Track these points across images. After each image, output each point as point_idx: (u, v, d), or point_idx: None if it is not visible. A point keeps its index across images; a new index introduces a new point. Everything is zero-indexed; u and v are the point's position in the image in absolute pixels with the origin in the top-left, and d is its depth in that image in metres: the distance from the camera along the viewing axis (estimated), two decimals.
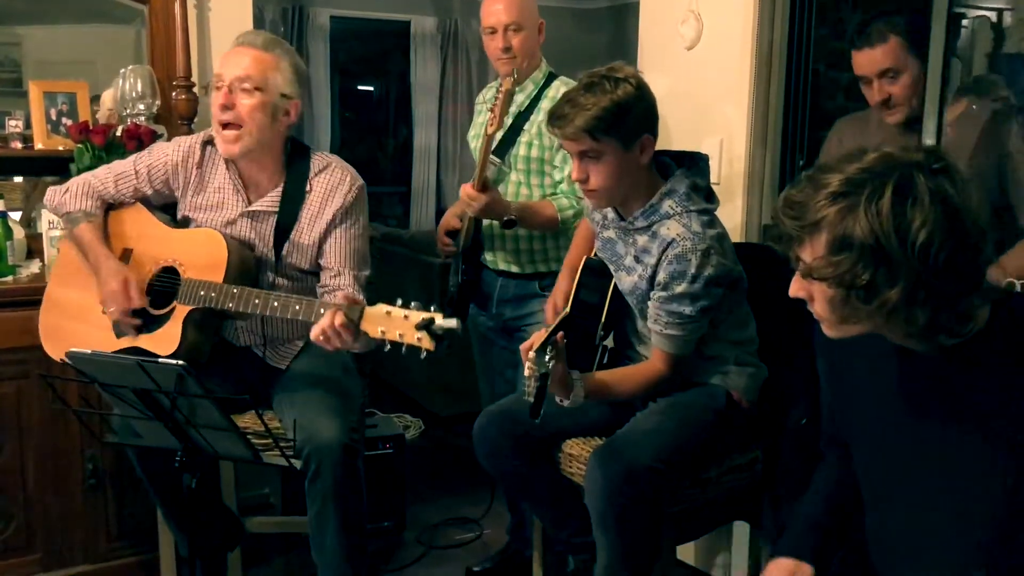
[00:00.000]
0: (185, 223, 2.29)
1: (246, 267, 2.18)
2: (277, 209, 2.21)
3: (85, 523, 2.59)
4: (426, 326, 1.77)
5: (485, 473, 2.29)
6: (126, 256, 2.24)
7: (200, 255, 2.16)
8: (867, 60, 2.19)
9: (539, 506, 2.32)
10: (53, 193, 2.30)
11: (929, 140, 2.09)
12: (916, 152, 1.24)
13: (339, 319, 1.85)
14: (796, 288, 1.31)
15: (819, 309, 1.30)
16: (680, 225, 1.98)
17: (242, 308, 2.06)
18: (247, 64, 2.11)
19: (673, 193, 2.02)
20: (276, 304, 2.03)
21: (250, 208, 2.22)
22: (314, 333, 1.89)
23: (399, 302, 1.84)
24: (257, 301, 2.05)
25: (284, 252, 2.22)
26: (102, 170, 2.31)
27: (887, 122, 2.24)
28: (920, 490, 1.38)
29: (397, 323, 1.82)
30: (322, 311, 1.91)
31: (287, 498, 3.06)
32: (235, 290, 2.07)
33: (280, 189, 2.22)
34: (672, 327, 2.00)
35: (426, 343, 1.79)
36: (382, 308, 1.84)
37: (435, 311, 1.79)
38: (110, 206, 2.30)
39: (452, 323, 1.78)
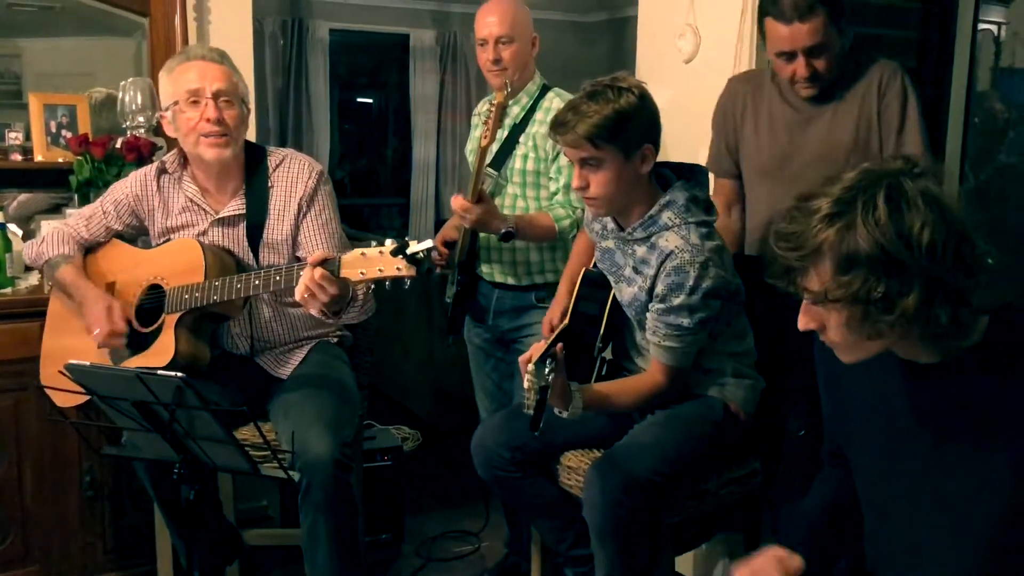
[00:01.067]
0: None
1: (224, 263, 2.20)
2: (244, 211, 2.24)
3: (83, 535, 2.59)
4: (401, 251, 1.78)
5: (483, 485, 2.28)
6: (109, 289, 2.27)
7: (178, 264, 2.18)
8: (792, 35, 2.08)
9: (537, 518, 2.31)
10: (30, 246, 2.35)
11: (954, 157, 2.08)
12: (894, 161, 1.25)
13: (319, 272, 1.85)
14: (806, 321, 1.30)
15: (834, 336, 1.29)
16: (679, 237, 1.98)
17: (226, 297, 2.07)
18: (220, 77, 2.14)
19: (672, 204, 2.02)
20: (257, 282, 2.04)
21: (219, 216, 2.24)
22: (298, 292, 1.90)
23: (373, 243, 1.84)
24: (239, 285, 2.07)
25: (260, 252, 2.24)
26: (72, 217, 2.37)
27: (802, 94, 2.20)
28: (919, 503, 1.38)
29: (373, 260, 1.82)
30: (300, 273, 1.92)
31: (285, 510, 3.05)
32: (216, 283, 2.09)
33: (243, 192, 2.25)
34: (670, 339, 2.00)
35: (406, 270, 1.79)
36: (357, 251, 1.85)
37: (408, 239, 1.80)
38: (87, 250, 2.34)
39: (427, 243, 1.79)
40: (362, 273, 1.83)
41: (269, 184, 2.25)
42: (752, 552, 1.57)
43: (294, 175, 2.25)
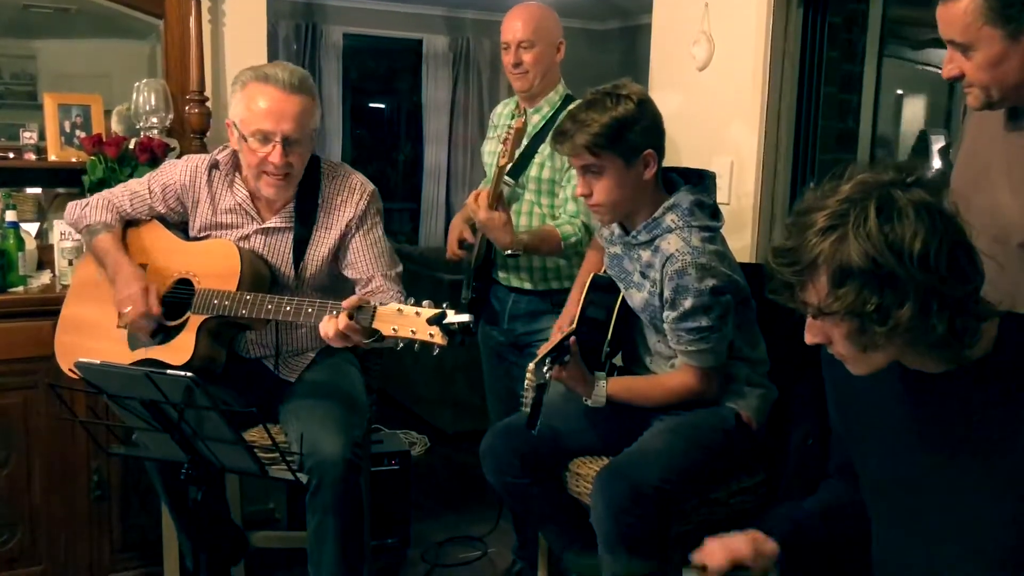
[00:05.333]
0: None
1: (259, 277, 2.18)
2: (292, 224, 2.22)
3: (90, 535, 2.59)
4: (438, 321, 1.77)
5: (491, 491, 2.28)
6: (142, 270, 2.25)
7: (214, 266, 2.16)
8: (939, 17, 1.54)
9: (545, 525, 2.30)
10: (73, 207, 2.31)
11: None
12: (886, 171, 1.24)
13: (343, 322, 1.86)
14: (812, 335, 1.30)
15: (840, 348, 1.29)
16: (680, 239, 1.98)
17: (255, 314, 2.06)
18: (294, 118, 2.06)
19: (676, 207, 2.02)
20: (288, 308, 2.03)
21: (264, 225, 2.23)
22: (322, 330, 1.91)
23: (411, 300, 1.84)
24: (270, 307, 2.05)
25: (301, 266, 2.22)
26: (119, 188, 2.34)
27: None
28: (928, 517, 1.37)
29: (409, 320, 1.82)
30: (334, 313, 1.92)
31: (292, 513, 3.05)
32: (248, 297, 2.08)
33: (293, 204, 2.23)
34: (695, 343, 1.99)
35: (438, 339, 1.78)
36: (394, 306, 1.85)
37: (447, 308, 1.79)
38: (128, 223, 2.32)
39: (464, 317, 1.77)
40: (394, 330, 1.83)
41: (320, 200, 2.22)
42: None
43: (346, 194, 2.23)
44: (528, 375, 1.84)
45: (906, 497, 1.40)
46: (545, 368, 1.85)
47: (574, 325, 2.18)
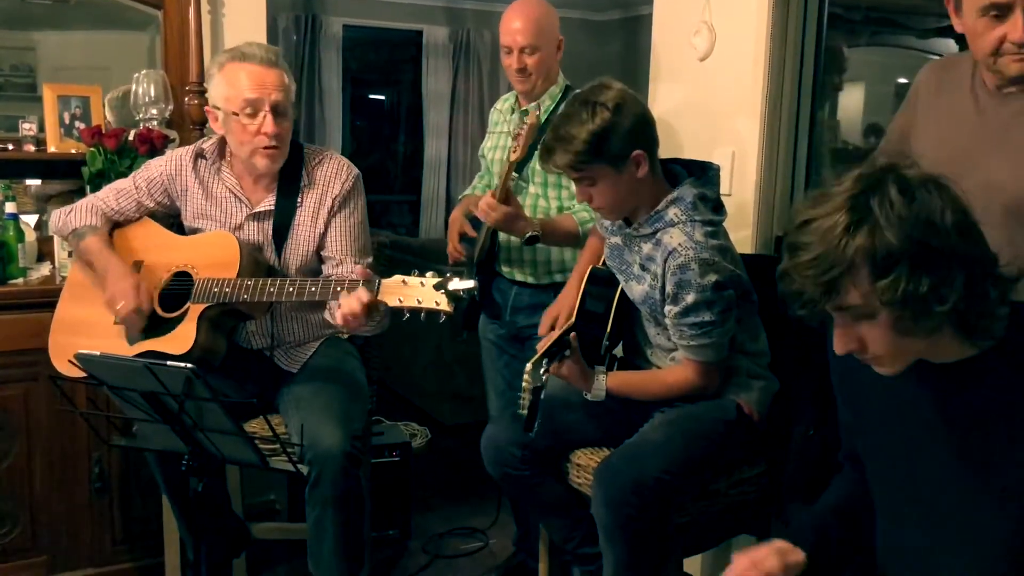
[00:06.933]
0: (192, 234, 2.31)
1: (258, 265, 2.19)
2: (274, 207, 2.23)
3: (91, 526, 2.59)
4: (443, 286, 1.79)
5: (491, 483, 2.28)
6: (136, 268, 2.25)
7: (212, 256, 2.17)
8: None
9: (546, 516, 2.31)
10: (58, 215, 2.33)
11: None
12: (879, 160, 1.23)
13: (365, 295, 1.86)
14: (844, 343, 1.24)
15: (878, 348, 1.24)
16: (683, 234, 1.97)
17: (257, 298, 2.06)
18: (278, 86, 2.12)
19: (679, 201, 2.01)
20: (291, 289, 2.03)
21: (254, 210, 2.24)
22: (341, 320, 1.91)
23: (415, 272, 1.85)
24: (272, 289, 2.05)
25: (285, 249, 2.23)
26: (104, 190, 2.35)
27: (1008, 72, 1.59)
28: (932, 508, 1.37)
29: (414, 290, 1.83)
30: (338, 289, 1.92)
31: (293, 504, 3.06)
32: (249, 282, 2.08)
33: (276, 188, 2.24)
34: (698, 338, 1.99)
35: (444, 305, 1.80)
36: (398, 278, 1.86)
37: (450, 276, 1.81)
38: (116, 225, 2.32)
39: (469, 284, 1.79)
40: (399, 300, 1.84)
41: (303, 183, 2.24)
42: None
43: (331, 176, 2.25)
44: (525, 376, 1.84)
45: (910, 487, 1.40)
46: (542, 370, 1.85)
47: (572, 320, 2.17)
